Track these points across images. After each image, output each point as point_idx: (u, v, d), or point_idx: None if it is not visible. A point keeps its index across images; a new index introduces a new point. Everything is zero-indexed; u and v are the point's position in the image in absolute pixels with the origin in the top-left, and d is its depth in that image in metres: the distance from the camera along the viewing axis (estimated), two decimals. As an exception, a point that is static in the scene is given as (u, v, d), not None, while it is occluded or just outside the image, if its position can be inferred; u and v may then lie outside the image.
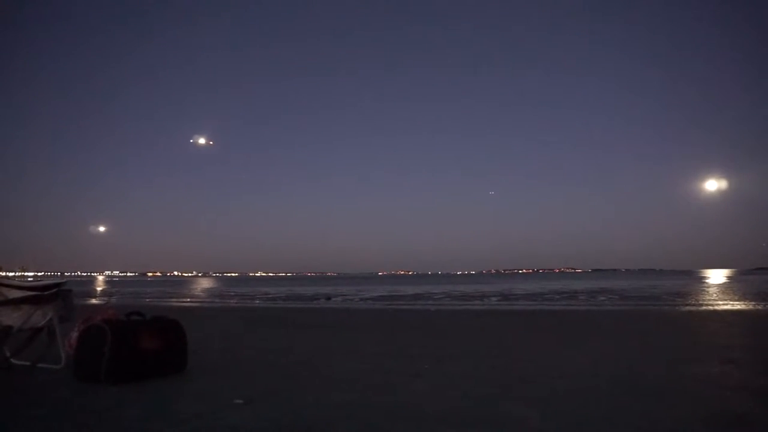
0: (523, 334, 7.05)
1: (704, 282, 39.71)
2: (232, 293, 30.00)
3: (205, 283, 59.68)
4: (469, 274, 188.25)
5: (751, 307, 13.33)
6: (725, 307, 13.23)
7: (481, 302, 18.85)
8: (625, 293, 23.93)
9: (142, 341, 3.54)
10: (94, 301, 17.94)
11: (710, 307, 13.26)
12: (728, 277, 54.28)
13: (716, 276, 63.27)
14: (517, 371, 3.95)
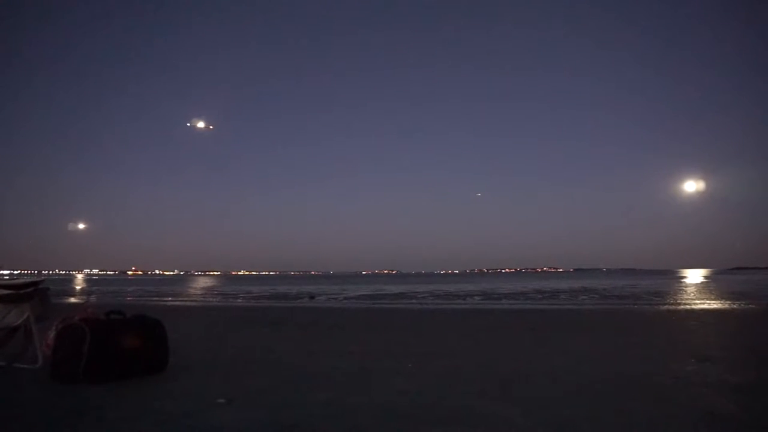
0: (506, 333, 7.12)
1: (682, 282, 40.52)
2: (215, 292, 29.69)
3: (187, 282, 58.95)
4: (453, 273, 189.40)
5: (726, 306, 13.64)
6: (702, 306, 13.52)
7: (465, 301, 18.98)
8: (605, 292, 24.32)
9: (122, 341, 3.49)
10: (72, 300, 17.61)
11: (687, 306, 13.54)
12: (705, 277, 55.48)
13: (694, 276, 64.60)
14: (500, 370, 3.99)
